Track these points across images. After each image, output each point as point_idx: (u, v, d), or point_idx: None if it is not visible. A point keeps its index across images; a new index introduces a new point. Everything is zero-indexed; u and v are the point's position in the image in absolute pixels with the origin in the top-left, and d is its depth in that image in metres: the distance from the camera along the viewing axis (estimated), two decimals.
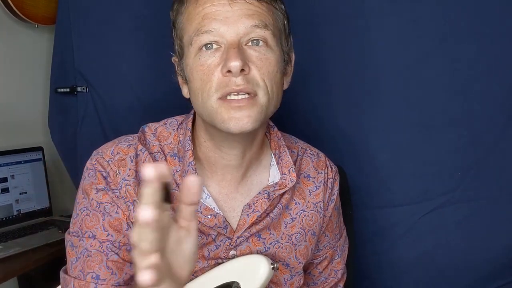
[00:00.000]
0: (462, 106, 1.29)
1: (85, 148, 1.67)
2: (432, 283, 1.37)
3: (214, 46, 0.77)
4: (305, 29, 1.38)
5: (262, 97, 0.78)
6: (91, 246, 0.80)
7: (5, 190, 1.65)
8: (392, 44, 1.31)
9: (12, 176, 1.67)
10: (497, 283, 1.33)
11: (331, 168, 0.99)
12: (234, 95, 0.76)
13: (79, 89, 1.72)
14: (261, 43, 0.78)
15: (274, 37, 0.79)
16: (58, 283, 0.96)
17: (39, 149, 1.77)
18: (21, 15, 1.71)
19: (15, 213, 1.67)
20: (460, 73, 1.28)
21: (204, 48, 0.77)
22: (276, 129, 0.94)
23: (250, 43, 0.77)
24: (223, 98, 0.77)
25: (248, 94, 0.76)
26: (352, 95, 1.37)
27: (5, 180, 1.65)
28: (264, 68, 0.77)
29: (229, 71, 0.75)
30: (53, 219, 1.75)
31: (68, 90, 1.74)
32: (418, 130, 1.32)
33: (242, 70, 0.75)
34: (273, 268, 0.84)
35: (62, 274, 0.83)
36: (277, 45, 0.80)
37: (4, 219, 1.63)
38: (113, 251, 0.80)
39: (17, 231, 1.58)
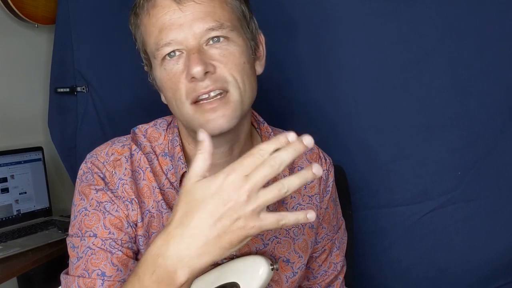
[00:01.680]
0: (462, 106, 1.29)
1: (85, 148, 1.66)
2: (432, 283, 1.37)
3: (177, 53, 0.77)
4: (305, 29, 1.38)
5: (233, 92, 0.77)
6: (93, 244, 0.80)
7: (5, 190, 1.65)
8: (392, 44, 1.31)
9: (12, 176, 1.67)
10: (498, 283, 1.33)
11: (325, 159, 0.99)
12: (205, 97, 0.76)
13: (79, 89, 1.72)
14: (221, 39, 0.77)
15: (233, 31, 0.78)
16: (58, 284, 0.96)
17: (39, 149, 1.77)
18: (21, 15, 1.71)
19: (15, 213, 1.67)
20: (460, 73, 1.28)
21: (167, 56, 0.77)
22: (266, 124, 0.94)
23: (211, 42, 0.77)
24: (196, 102, 0.77)
25: (220, 93, 0.76)
26: (352, 95, 1.37)
27: (5, 180, 1.65)
28: (230, 62, 0.77)
29: (194, 77, 0.75)
30: (53, 219, 1.75)
31: (68, 90, 1.74)
32: (418, 130, 1.32)
33: (207, 72, 0.75)
34: (272, 269, 0.84)
35: (63, 275, 0.83)
36: (239, 36, 0.79)
37: (4, 219, 1.63)
38: (116, 248, 0.80)
39: (17, 231, 1.58)
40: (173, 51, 0.77)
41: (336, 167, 1.14)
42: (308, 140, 0.59)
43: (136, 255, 0.83)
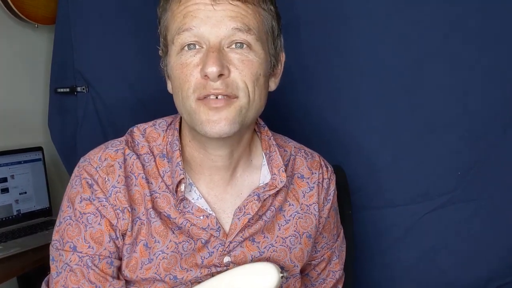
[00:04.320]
0: (463, 107, 1.29)
1: (85, 148, 1.64)
2: (432, 284, 1.37)
3: (197, 46, 0.76)
4: (306, 29, 1.38)
5: (242, 98, 0.76)
6: (71, 261, 0.80)
7: (5, 190, 1.64)
8: (393, 44, 1.31)
9: (12, 176, 1.67)
10: (497, 283, 1.33)
11: (327, 167, 0.97)
12: (212, 98, 0.75)
13: (79, 89, 1.72)
14: (244, 46, 0.76)
15: (258, 41, 0.77)
16: None
17: (39, 149, 1.77)
18: (21, 15, 1.70)
19: (15, 213, 1.67)
20: (460, 73, 1.28)
21: (186, 47, 0.76)
22: (266, 128, 0.93)
23: (233, 46, 0.76)
24: (202, 98, 0.76)
25: (228, 96, 0.75)
26: (352, 95, 1.37)
27: (5, 180, 1.65)
28: (246, 70, 0.76)
29: (207, 76, 0.74)
30: (53, 219, 1.74)
31: (68, 90, 1.74)
32: (418, 130, 1.32)
33: (221, 75, 0.74)
34: (282, 277, 0.83)
35: (44, 287, 0.84)
36: (262, 49, 0.79)
37: (4, 219, 1.63)
38: (94, 264, 0.80)
39: (17, 231, 1.58)
40: (193, 43, 0.76)
41: (336, 168, 1.14)
42: None
43: (119, 269, 0.84)
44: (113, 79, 1.68)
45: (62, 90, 1.75)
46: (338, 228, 1.02)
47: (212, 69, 0.73)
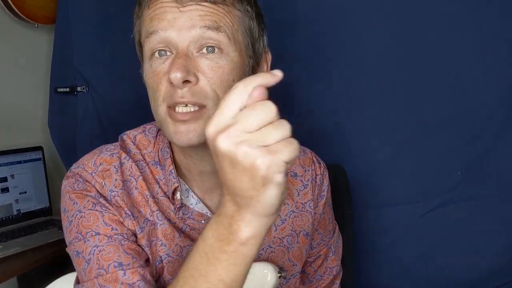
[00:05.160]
0: (462, 105, 1.29)
1: (85, 148, 1.65)
2: (432, 282, 1.37)
3: (168, 53, 0.73)
4: (306, 29, 1.38)
5: (211, 108, 0.73)
6: (99, 241, 0.75)
7: (5, 189, 1.65)
8: (392, 44, 1.31)
9: (12, 176, 1.67)
10: (498, 282, 1.33)
11: (319, 163, 0.96)
12: (182, 106, 0.73)
13: (79, 88, 1.72)
14: (216, 50, 0.72)
15: (230, 40, 0.73)
16: None
17: (39, 148, 1.77)
18: (21, 15, 1.71)
19: (15, 212, 1.67)
20: (460, 72, 1.28)
21: (157, 54, 0.74)
22: None
23: (204, 50, 0.72)
24: (171, 108, 0.74)
25: (197, 106, 0.73)
26: (352, 94, 1.37)
27: (5, 179, 1.65)
28: (216, 77, 0.72)
29: (172, 82, 0.71)
30: (53, 218, 1.75)
31: (68, 90, 1.74)
32: (418, 130, 1.32)
33: (187, 81, 0.71)
34: (280, 277, 0.82)
35: (76, 286, 0.79)
36: (236, 51, 0.75)
37: (4, 218, 1.63)
38: (125, 239, 0.76)
39: (17, 231, 1.58)
40: (164, 50, 0.73)
41: (336, 167, 1.14)
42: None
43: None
44: (113, 79, 1.68)
45: (62, 89, 1.75)
46: (333, 223, 1.01)
47: (176, 75, 0.69)
